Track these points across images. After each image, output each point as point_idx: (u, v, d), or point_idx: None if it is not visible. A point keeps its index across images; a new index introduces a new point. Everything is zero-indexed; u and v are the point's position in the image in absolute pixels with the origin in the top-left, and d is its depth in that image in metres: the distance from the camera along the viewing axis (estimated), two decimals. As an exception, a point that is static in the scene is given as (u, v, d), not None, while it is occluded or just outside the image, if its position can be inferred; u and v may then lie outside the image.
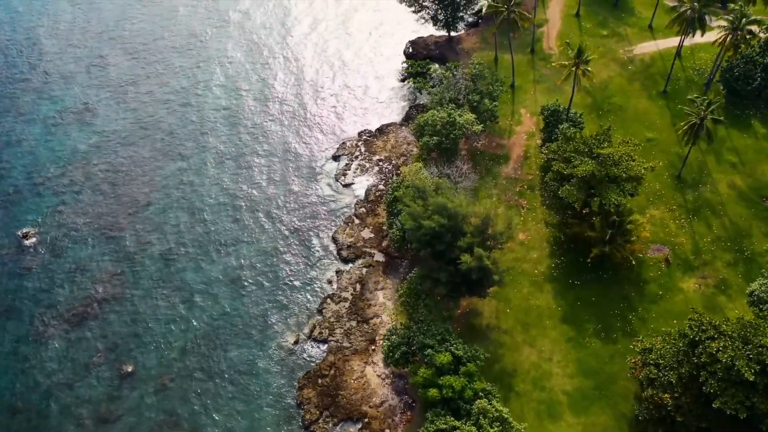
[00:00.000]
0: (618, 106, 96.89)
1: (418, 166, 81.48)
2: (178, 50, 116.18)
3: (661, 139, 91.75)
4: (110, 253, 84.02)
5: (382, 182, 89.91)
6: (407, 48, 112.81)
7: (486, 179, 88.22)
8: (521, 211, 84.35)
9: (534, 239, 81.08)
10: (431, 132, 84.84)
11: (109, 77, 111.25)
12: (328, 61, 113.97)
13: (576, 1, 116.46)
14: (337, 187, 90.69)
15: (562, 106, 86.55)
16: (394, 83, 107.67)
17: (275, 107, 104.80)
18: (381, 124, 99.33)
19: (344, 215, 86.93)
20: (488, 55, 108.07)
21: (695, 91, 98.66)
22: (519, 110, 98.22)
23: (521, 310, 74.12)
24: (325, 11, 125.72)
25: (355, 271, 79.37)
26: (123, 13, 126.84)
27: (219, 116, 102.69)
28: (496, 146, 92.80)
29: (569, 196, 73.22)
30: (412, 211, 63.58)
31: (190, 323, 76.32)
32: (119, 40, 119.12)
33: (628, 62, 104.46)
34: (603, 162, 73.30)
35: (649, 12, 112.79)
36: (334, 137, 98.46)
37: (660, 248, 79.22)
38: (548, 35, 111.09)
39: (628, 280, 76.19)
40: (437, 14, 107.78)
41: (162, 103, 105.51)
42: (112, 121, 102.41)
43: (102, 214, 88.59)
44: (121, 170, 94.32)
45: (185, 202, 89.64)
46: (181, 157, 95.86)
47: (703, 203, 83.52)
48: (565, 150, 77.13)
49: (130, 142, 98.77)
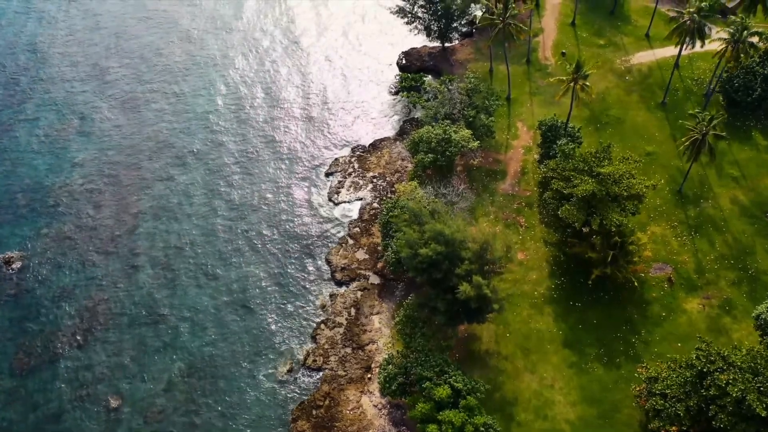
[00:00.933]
0: (616, 119, 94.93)
1: (413, 185, 79.20)
2: (171, 67, 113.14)
3: (660, 153, 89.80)
4: (96, 279, 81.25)
5: (376, 200, 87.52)
6: (400, 59, 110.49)
7: (483, 196, 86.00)
8: (519, 230, 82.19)
9: (533, 259, 78.92)
10: (426, 149, 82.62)
11: (100, 93, 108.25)
12: (320, 74, 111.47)
13: (571, 9, 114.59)
14: (330, 206, 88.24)
15: (559, 121, 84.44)
16: (388, 96, 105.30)
17: (266, 123, 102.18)
18: (374, 139, 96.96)
19: (338, 235, 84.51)
20: (483, 66, 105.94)
21: (694, 102, 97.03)
22: (515, 123, 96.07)
23: (521, 334, 71.92)
24: (314, 23, 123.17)
25: (349, 294, 76.98)
26: (121, 27, 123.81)
27: (209, 136, 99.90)
28: (492, 161, 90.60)
29: (569, 216, 71.09)
30: (408, 238, 61.26)
31: (178, 352, 73.73)
32: (113, 55, 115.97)
33: (625, 72, 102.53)
34: (603, 181, 71.20)
35: (646, 20, 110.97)
36: (326, 153, 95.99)
37: (662, 267, 77.23)
38: (544, 45, 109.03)
39: (631, 301, 74.17)
40: (430, 25, 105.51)
41: (150, 122, 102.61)
42: (99, 140, 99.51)
43: (88, 237, 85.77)
44: (107, 191, 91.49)
45: (173, 225, 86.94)
46: (169, 177, 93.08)
47: (705, 219, 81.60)
48: (564, 168, 75.03)
49: (117, 161, 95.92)
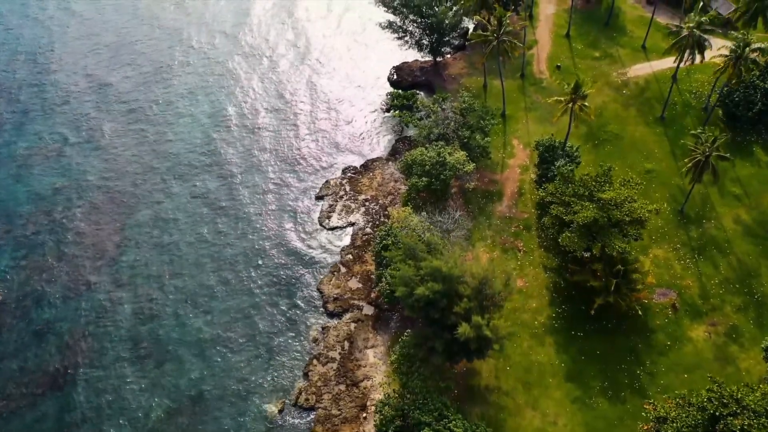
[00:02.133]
0: (614, 135, 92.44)
1: (407, 211, 76.30)
2: (153, 90, 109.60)
3: (660, 171, 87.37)
4: (77, 313, 77.78)
5: (369, 224, 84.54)
6: (391, 74, 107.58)
7: (479, 219, 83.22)
8: (518, 255, 79.46)
9: (532, 286, 76.20)
10: (420, 172, 79.78)
11: (81, 116, 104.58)
12: (308, 92, 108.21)
13: (565, 20, 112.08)
14: (321, 231, 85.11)
15: (557, 141, 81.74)
16: (379, 113, 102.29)
17: (253, 145, 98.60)
18: (366, 160, 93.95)
19: (329, 263, 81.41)
20: (477, 81, 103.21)
21: (693, 116, 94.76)
22: (511, 141, 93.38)
23: (522, 367, 69.15)
24: (302, 40, 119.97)
25: (342, 326, 73.94)
26: (99, 44, 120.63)
27: (194, 158, 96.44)
28: (488, 182, 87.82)
29: (570, 244, 68.58)
30: (404, 275, 58.31)
31: (164, 390, 70.41)
32: (97, 75, 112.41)
33: (622, 86, 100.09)
34: (604, 206, 68.61)
35: (641, 31, 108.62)
36: (316, 175, 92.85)
37: (666, 292, 74.72)
38: (538, 58, 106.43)
39: (634, 329, 71.59)
40: (422, 39, 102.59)
41: (132, 145, 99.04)
42: (80, 164, 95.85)
43: (68, 268, 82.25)
44: (90, 218, 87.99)
45: (157, 254, 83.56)
46: (153, 203, 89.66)
47: (708, 241, 79.18)
48: (564, 192, 72.42)
49: (100, 186, 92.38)
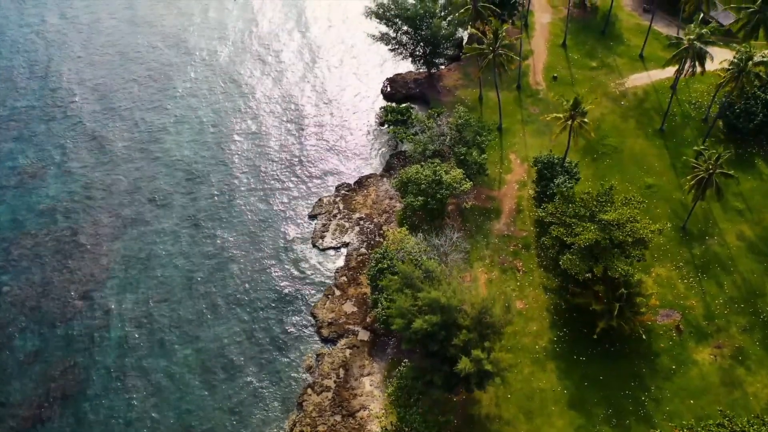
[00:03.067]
0: (613, 148, 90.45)
1: (403, 232, 73.97)
2: (141, 105, 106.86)
3: (661, 185, 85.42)
4: (62, 342, 75.05)
5: (363, 244, 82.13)
6: (385, 87, 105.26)
7: (477, 238, 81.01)
8: (517, 275, 77.28)
9: (532, 308, 74.03)
10: (416, 191, 77.51)
11: (68, 131, 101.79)
12: (299, 105, 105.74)
13: (561, 29, 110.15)
14: (314, 252, 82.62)
15: (556, 157, 79.62)
16: (372, 127, 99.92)
17: (244, 162, 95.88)
18: (360, 176, 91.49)
19: (323, 286, 78.96)
20: (472, 93, 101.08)
21: (693, 127, 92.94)
22: (508, 156, 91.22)
23: (523, 394, 66.94)
24: (292, 52, 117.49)
25: (337, 353, 71.52)
26: (89, 54, 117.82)
27: (182, 176, 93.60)
28: (485, 198, 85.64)
29: (572, 267, 66.44)
30: (401, 307, 55.98)
31: (152, 424, 67.77)
32: (82, 88, 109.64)
33: (620, 97, 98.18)
34: (606, 227, 66.54)
35: (638, 39, 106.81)
36: (309, 193, 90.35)
37: (669, 313, 72.70)
38: (534, 68, 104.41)
39: (638, 353, 69.51)
40: (415, 51, 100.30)
41: (121, 163, 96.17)
42: (66, 183, 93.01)
43: (53, 294, 79.48)
44: (74, 241, 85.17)
45: (145, 277, 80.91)
46: (142, 223, 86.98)
47: (711, 258, 77.25)
48: (564, 212, 70.30)
49: (86, 207, 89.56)
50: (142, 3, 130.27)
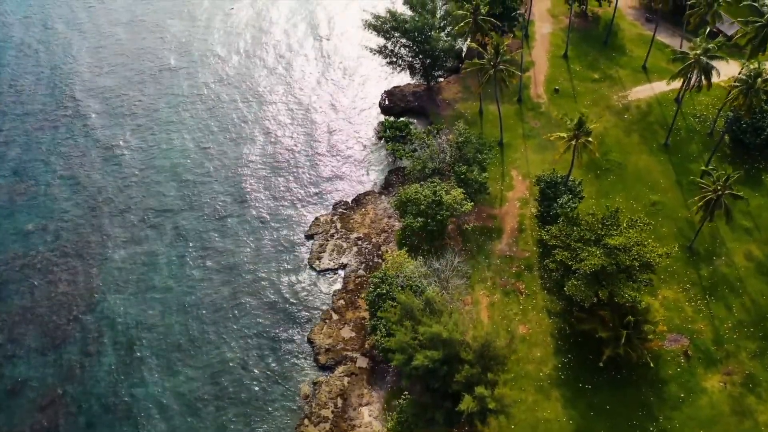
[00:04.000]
0: (617, 164, 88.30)
1: (402, 256, 71.66)
2: (134, 118, 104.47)
3: (666, 203, 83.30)
4: (50, 370, 72.65)
5: (362, 266, 79.82)
6: (383, 99, 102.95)
7: (478, 258, 78.77)
8: (519, 298, 75.07)
9: (536, 333, 71.80)
10: (415, 212, 75.23)
11: (55, 145, 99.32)
12: (294, 120, 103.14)
13: (562, 39, 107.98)
14: (311, 274, 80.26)
15: (559, 175, 77.37)
16: (370, 142, 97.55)
17: (238, 179, 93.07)
18: (357, 194, 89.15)
19: (321, 309, 76.65)
20: (472, 106, 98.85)
21: (698, 141, 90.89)
22: (509, 172, 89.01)
23: (528, 425, 64.69)
24: (286, 66, 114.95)
25: (335, 381, 69.21)
26: (80, 66, 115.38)
27: (174, 193, 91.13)
28: (486, 217, 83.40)
29: (577, 293, 64.24)
30: (401, 341, 53.68)
31: (145, 458, 65.52)
32: (73, 102, 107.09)
33: (623, 110, 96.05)
34: (612, 252, 64.36)
35: (641, 50, 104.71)
36: (305, 212, 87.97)
37: (677, 338, 70.57)
38: (535, 80, 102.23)
39: (645, 380, 67.35)
40: (413, 63, 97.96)
41: (112, 178, 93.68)
42: (54, 201, 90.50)
43: (41, 319, 77.05)
44: (63, 263, 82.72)
45: (135, 301, 78.51)
46: (132, 243, 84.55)
47: (719, 279, 75.16)
48: (569, 235, 68.10)
49: (75, 225, 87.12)
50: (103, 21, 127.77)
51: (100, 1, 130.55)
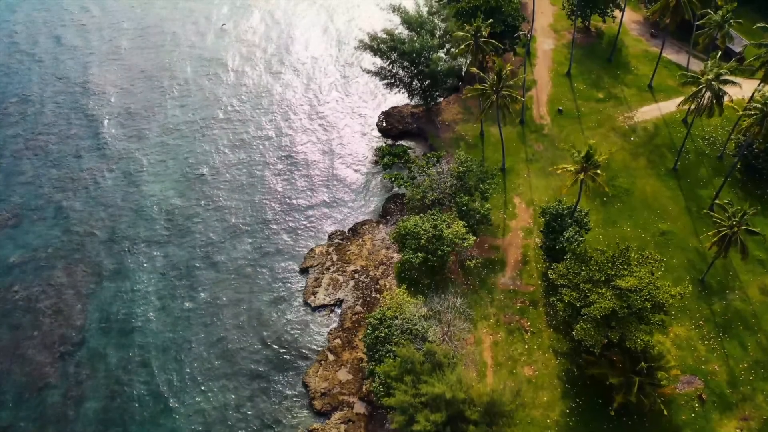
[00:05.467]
0: (624, 190, 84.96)
1: (401, 295, 68.11)
2: (119, 142, 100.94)
3: (676, 232, 79.97)
4: (32, 415, 69.09)
5: (359, 301, 76.32)
6: (380, 121, 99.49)
7: (480, 293, 75.32)
8: (524, 336, 71.65)
9: (542, 375, 68.37)
10: (415, 246, 71.78)
11: (41, 170, 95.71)
12: (289, 144, 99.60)
13: (565, 56, 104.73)
14: (306, 311, 76.71)
15: (564, 207, 73.89)
16: (367, 166, 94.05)
17: (230, 207, 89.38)
18: (354, 223, 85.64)
19: (316, 349, 73.12)
20: (473, 128, 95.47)
21: (707, 165, 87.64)
22: (512, 199, 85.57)
23: (535, 477, 61.41)
24: (280, 85, 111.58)
25: (331, 429, 65.71)
26: (64, 90, 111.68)
27: (164, 223, 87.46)
28: (489, 248, 79.95)
29: (587, 337, 60.87)
30: (401, 401, 50.22)
31: None
32: (56, 126, 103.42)
33: (629, 132, 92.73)
34: (623, 295, 60.99)
35: (646, 67, 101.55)
36: (300, 243, 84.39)
37: (691, 380, 67.21)
38: (538, 100, 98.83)
39: (658, 426, 63.95)
40: (412, 83, 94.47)
41: (99, 206, 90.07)
42: (39, 232, 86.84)
43: (23, 361, 73.44)
44: (46, 298, 79.09)
45: (123, 338, 74.95)
46: (120, 277, 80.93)
47: (733, 315, 71.85)
48: (577, 274, 64.69)
49: (59, 258, 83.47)
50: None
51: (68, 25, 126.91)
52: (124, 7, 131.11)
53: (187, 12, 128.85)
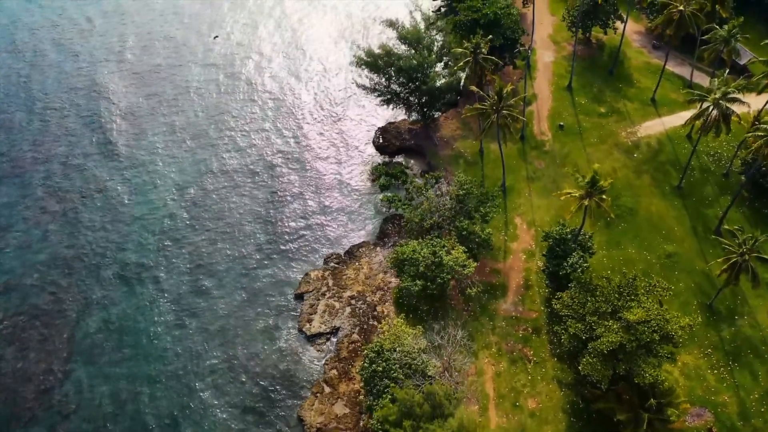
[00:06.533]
0: (628, 210, 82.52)
1: (399, 325, 65.51)
2: (107, 162, 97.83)
3: (682, 254, 77.58)
4: (16, 454, 66.32)
5: (356, 329, 73.70)
6: (377, 137, 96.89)
7: (481, 320, 72.79)
8: (527, 366, 69.13)
9: (546, 407, 65.86)
10: (413, 273, 69.23)
11: (24, 191, 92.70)
12: (285, 158, 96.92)
13: (565, 69, 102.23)
14: (301, 340, 74.00)
15: (568, 231, 71.33)
16: (363, 185, 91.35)
17: (223, 229, 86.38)
18: (351, 245, 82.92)
19: (311, 381, 70.45)
20: (472, 145, 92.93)
21: (713, 183, 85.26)
22: (513, 219, 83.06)
23: None
24: (274, 102, 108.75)
25: (328, 467, 63.12)
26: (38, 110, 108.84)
27: (153, 247, 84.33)
28: (489, 272, 77.41)
29: (593, 372, 58.48)
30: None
31: None
32: (36, 148, 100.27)
33: (632, 148, 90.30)
34: (631, 328, 58.55)
35: (649, 80, 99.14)
36: (295, 266, 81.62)
37: (700, 412, 64.82)
38: (538, 115, 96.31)
39: (667, 462, 61.50)
40: (409, 98, 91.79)
41: (87, 229, 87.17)
42: (22, 255, 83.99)
43: (5, 394, 70.57)
44: (31, 327, 76.25)
45: (110, 370, 72.16)
46: (108, 304, 78.14)
47: (742, 342, 69.51)
48: (582, 304, 62.23)
49: (45, 283, 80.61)
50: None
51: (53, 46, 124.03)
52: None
53: (177, 24, 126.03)
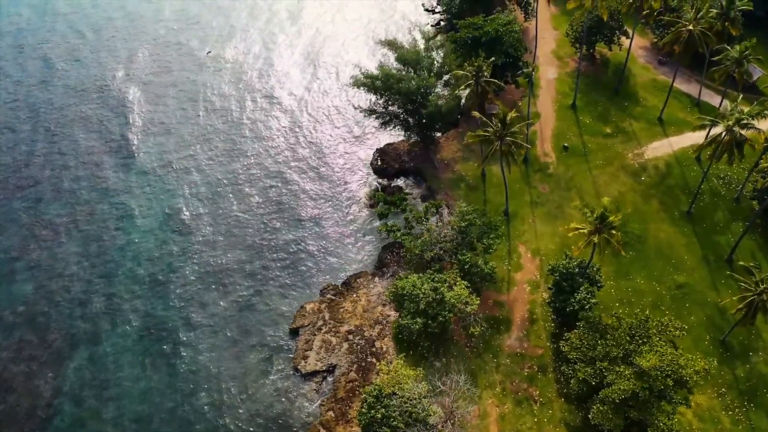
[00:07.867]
0: (636, 237, 79.44)
1: (399, 368, 62.31)
2: (94, 188, 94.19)
3: (693, 284, 74.53)
4: (-4, 505, 63.13)
5: (354, 367, 70.52)
6: (375, 159, 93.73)
7: (484, 357, 69.70)
8: (534, 407, 66.01)
9: (554, 453, 62.83)
10: (413, 309, 66.12)
11: (17, 220, 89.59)
12: (277, 183, 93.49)
13: (569, 86, 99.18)
14: (295, 379, 70.78)
15: (575, 265, 68.14)
16: (361, 210, 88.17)
17: (212, 254, 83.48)
18: (348, 276, 79.74)
19: (307, 422, 67.26)
20: (473, 167, 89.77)
21: (724, 208, 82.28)
22: (517, 247, 79.94)
23: None
24: (267, 122, 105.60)
25: None
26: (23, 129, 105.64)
27: (141, 276, 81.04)
28: (493, 305, 74.30)
29: (604, 421, 55.47)
30: None
31: None
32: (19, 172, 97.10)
33: (640, 170, 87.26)
34: (644, 374, 55.51)
35: (655, 98, 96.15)
36: (289, 299, 78.37)
37: (716, 458, 61.83)
38: (542, 135, 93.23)
39: None
40: (408, 119, 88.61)
41: (72, 258, 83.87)
42: (10, 287, 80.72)
43: (-12, 437, 67.55)
44: (13, 367, 72.93)
45: (98, 407, 69.02)
46: (94, 340, 74.88)
47: (758, 381, 66.46)
48: (592, 347, 59.19)
49: (27, 319, 77.26)
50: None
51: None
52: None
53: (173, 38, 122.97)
